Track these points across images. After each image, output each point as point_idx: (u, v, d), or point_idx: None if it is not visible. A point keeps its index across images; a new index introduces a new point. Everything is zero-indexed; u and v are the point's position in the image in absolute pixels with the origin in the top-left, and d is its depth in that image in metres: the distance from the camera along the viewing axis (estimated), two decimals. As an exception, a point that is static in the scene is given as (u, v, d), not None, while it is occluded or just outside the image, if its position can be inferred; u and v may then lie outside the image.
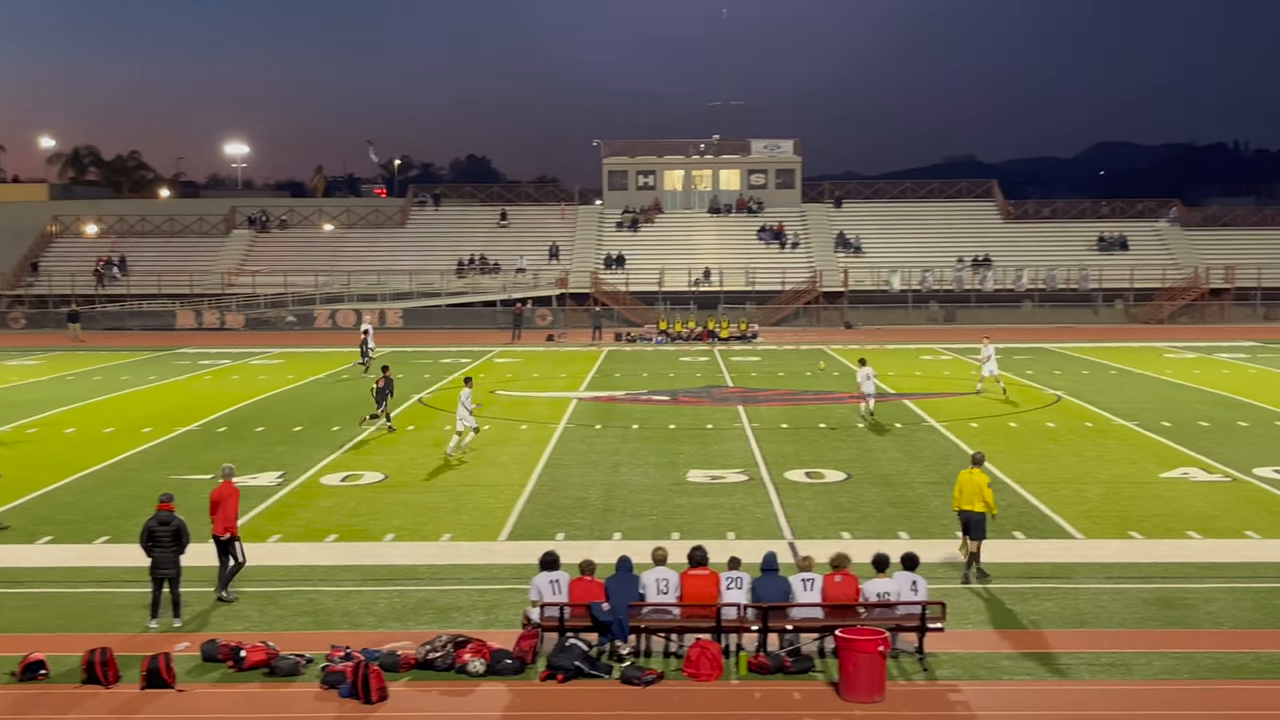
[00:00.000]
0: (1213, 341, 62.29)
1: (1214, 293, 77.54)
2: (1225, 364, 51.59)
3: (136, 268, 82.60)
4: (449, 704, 15.19)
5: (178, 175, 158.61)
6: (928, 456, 30.55)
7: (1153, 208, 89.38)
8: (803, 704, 15.10)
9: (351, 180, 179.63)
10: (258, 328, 73.77)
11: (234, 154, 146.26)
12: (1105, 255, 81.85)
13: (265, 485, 27.59)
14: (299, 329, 73.53)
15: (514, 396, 42.69)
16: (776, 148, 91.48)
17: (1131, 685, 15.54)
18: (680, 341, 65.91)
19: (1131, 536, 22.79)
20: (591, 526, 23.75)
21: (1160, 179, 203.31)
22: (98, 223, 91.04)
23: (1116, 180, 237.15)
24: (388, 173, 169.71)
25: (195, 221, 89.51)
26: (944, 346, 60.20)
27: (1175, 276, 78.91)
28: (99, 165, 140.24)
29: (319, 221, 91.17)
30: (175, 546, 18.02)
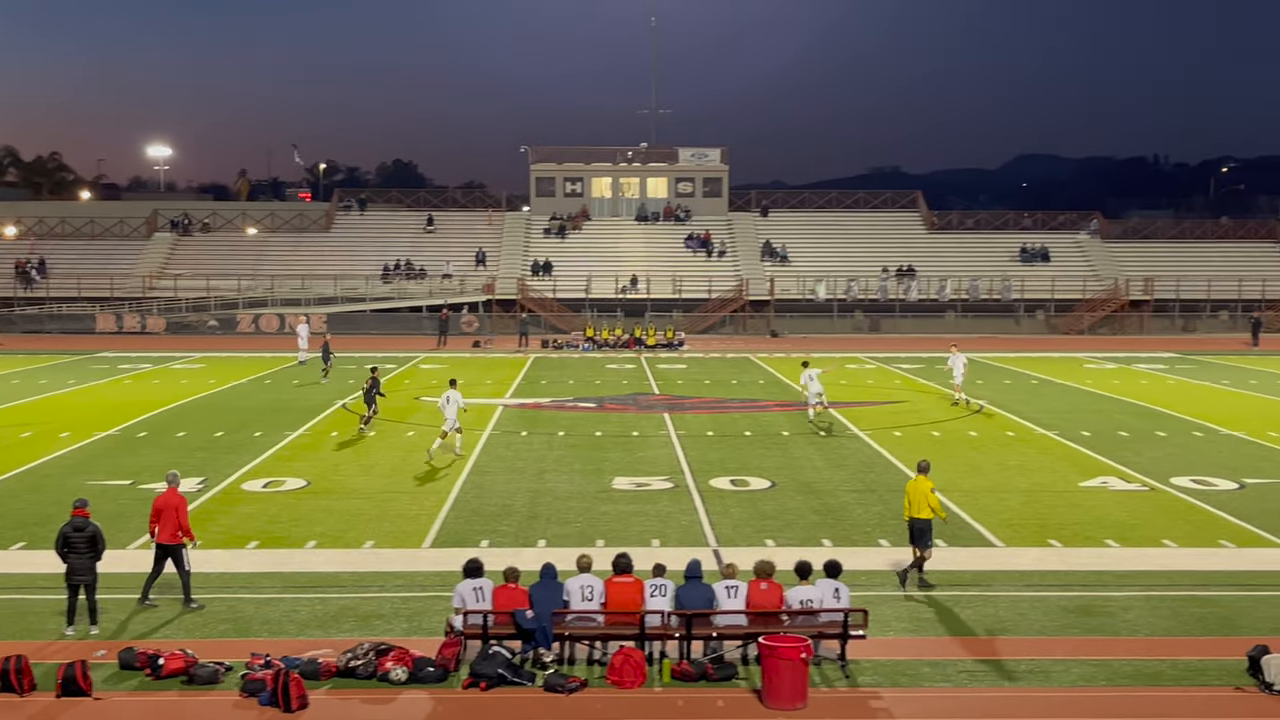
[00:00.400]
0: (1132, 352, 63.18)
1: (1133, 304, 78.70)
2: (1144, 375, 52.33)
3: (56, 270, 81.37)
4: (370, 712, 15.08)
5: (99, 177, 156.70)
6: (851, 465, 30.74)
7: (1074, 220, 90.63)
8: (725, 711, 15.13)
9: (276, 184, 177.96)
10: (179, 332, 72.91)
11: (156, 156, 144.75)
12: (1027, 266, 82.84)
13: (185, 491, 27.18)
14: (221, 333, 72.78)
15: (434, 401, 42.43)
16: (704, 156, 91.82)
17: (1050, 692, 15.71)
18: (607, 349, 65.93)
19: (1051, 545, 23.05)
20: (516, 534, 23.68)
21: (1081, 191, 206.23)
22: (16, 225, 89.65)
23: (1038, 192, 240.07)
24: (313, 176, 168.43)
25: (116, 224, 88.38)
26: (868, 356, 60.61)
27: (1096, 288, 80.00)
28: (18, 166, 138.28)
29: (242, 225, 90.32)
30: (91, 553, 17.75)
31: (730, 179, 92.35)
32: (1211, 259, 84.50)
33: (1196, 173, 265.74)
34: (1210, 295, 79.40)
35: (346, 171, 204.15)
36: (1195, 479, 28.92)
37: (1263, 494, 27.40)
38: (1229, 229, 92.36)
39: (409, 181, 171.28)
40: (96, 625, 17.88)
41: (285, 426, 36.32)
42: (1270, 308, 77.82)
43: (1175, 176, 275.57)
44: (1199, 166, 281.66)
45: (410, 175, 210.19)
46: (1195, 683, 15.98)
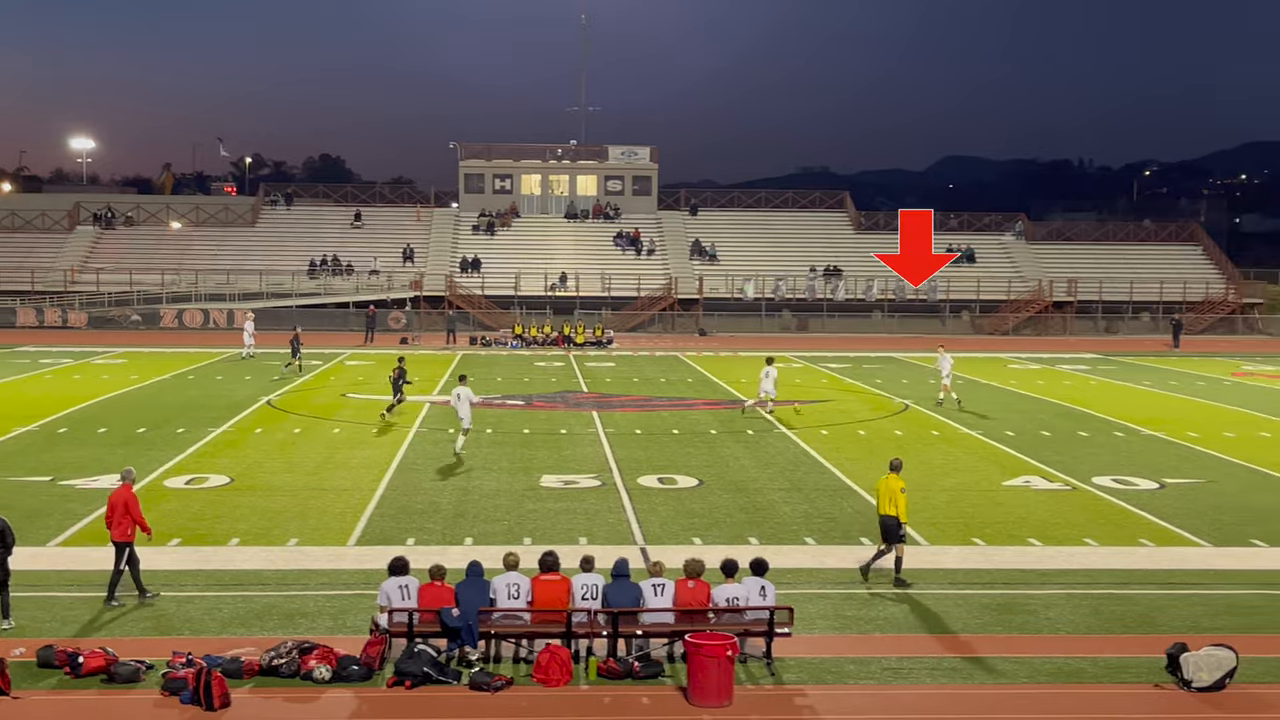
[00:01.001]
0: (1055, 353, 63.93)
1: (1057, 305, 79.67)
2: (1067, 375, 52.95)
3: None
4: (293, 711, 14.94)
5: (20, 169, 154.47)
6: (779, 463, 30.86)
7: (999, 221, 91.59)
8: (651, 709, 15.14)
9: (201, 178, 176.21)
10: (101, 326, 71.96)
11: (79, 149, 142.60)
12: (953, 267, 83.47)
13: (107, 488, 26.84)
14: (144, 328, 71.91)
15: (366, 400, 42.19)
16: (634, 154, 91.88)
17: (972, 689, 15.84)
18: (535, 346, 65.81)
19: (974, 543, 23.27)
20: (443, 531, 23.57)
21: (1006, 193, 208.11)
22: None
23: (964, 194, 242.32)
24: (238, 171, 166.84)
25: (37, 217, 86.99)
26: (796, 355, 60.88)
27: (1020, 289, 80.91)
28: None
29: (167, 219, 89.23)
30: (1, 548, 17.46)
31: (660, 178, 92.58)
32: (1134, 261, 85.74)
33: (1119, 176, 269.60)
34: (1132, 297, 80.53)
35: (273, 166, 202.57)
36: (1116, 479, 29.30)
37: (1182, 493, 27.81)
38: (1151, 232, 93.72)
39: (336, 177, 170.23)
40: (10, 620, 17.60)
41: (208, 423, 35.94)
42: (1191, 310, 79.08)
43: (1099, 180, 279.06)
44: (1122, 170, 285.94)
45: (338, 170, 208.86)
46: (1115, 680, 16.18)
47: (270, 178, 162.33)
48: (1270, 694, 15.73)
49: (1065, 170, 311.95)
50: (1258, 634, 18.01)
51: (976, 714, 15.13)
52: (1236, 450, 33.47)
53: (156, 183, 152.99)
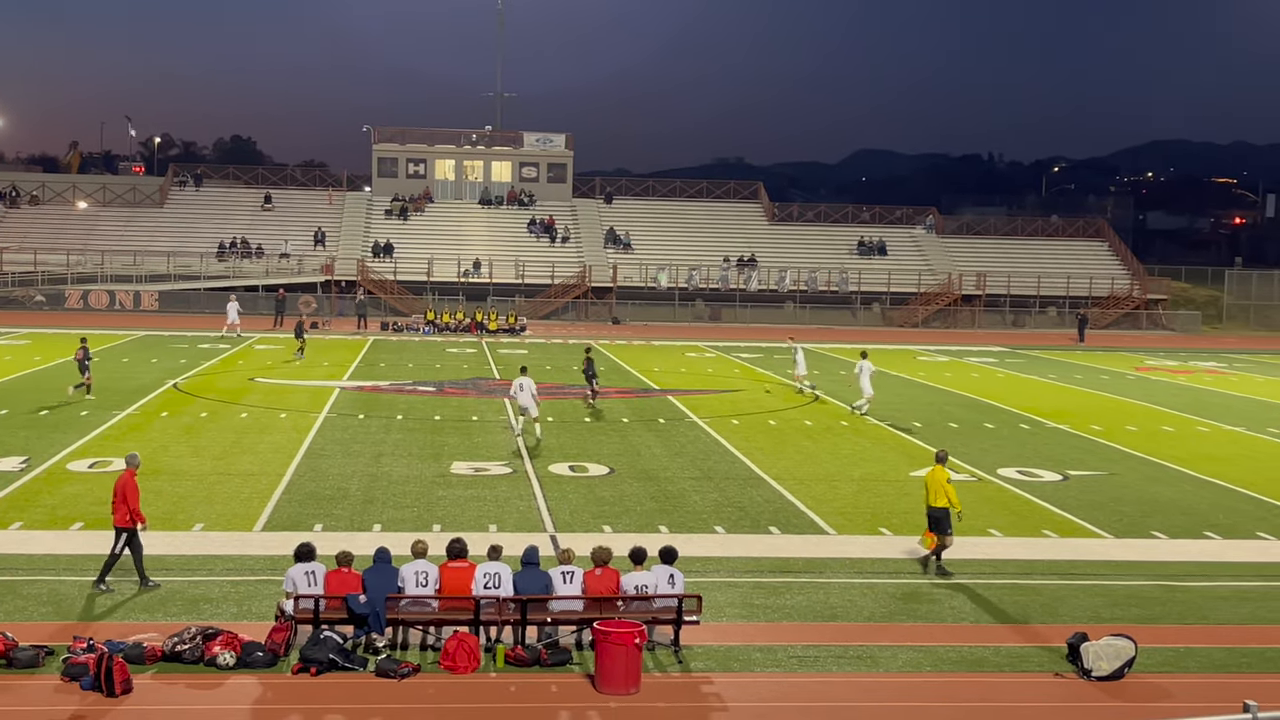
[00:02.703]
0: (964, 346, 64.71)
1: (966, 299, 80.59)
2: (975, 367, 53.63)
3: (-128, 240, 78.21)
4: (196, 697, 14.78)
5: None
6: (690, 452, 30.96)
7: (910, 215, 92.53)
8: (559, 696, 15.14)
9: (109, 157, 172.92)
10: (4, 307, 70.58)
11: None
12: (864, 259, 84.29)
13: (8, 471, 26.43)
14: (49, 309, 70.66)
15: (274, 384, 41.80)
16: (549, 141, 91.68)
17: (877, 677, 16.01)
18: (448, 332, 65.52)
19: (881, 533, 23.49)
20: (351, 518, 23.40)
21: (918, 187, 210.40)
22: None
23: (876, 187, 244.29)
24: (147, 151, 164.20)
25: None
26: (708, 344, 61.13)
27: (930, 282, 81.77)
28: None
29: (73, 198, 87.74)
30: None
31: (575, 165, 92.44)
32: (1041, 256, 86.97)
33: (1029, 172, 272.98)
34: (1040, 291, 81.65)
35: (183, 146, 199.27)
36: (1021, 470, 29.72)
37: (1085, 485, 28.26)
38: (1059, 227, 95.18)
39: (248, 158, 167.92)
40: None
41: (113, 406, 35.41)
42: (1096, 305, 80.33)
43: (1009, 175, 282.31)
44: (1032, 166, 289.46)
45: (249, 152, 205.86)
46: (1017, 669, 16.43)
47: (180, 158, 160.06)
48: (1168, 683, 16.04)
49: (976, 165, 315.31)
50: (1157, 624, 18.36)
51: (881, 701, 15.29)
52: (1138, 443, 34.07)
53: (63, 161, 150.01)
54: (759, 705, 15.04)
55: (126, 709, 14.31)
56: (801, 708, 15.02)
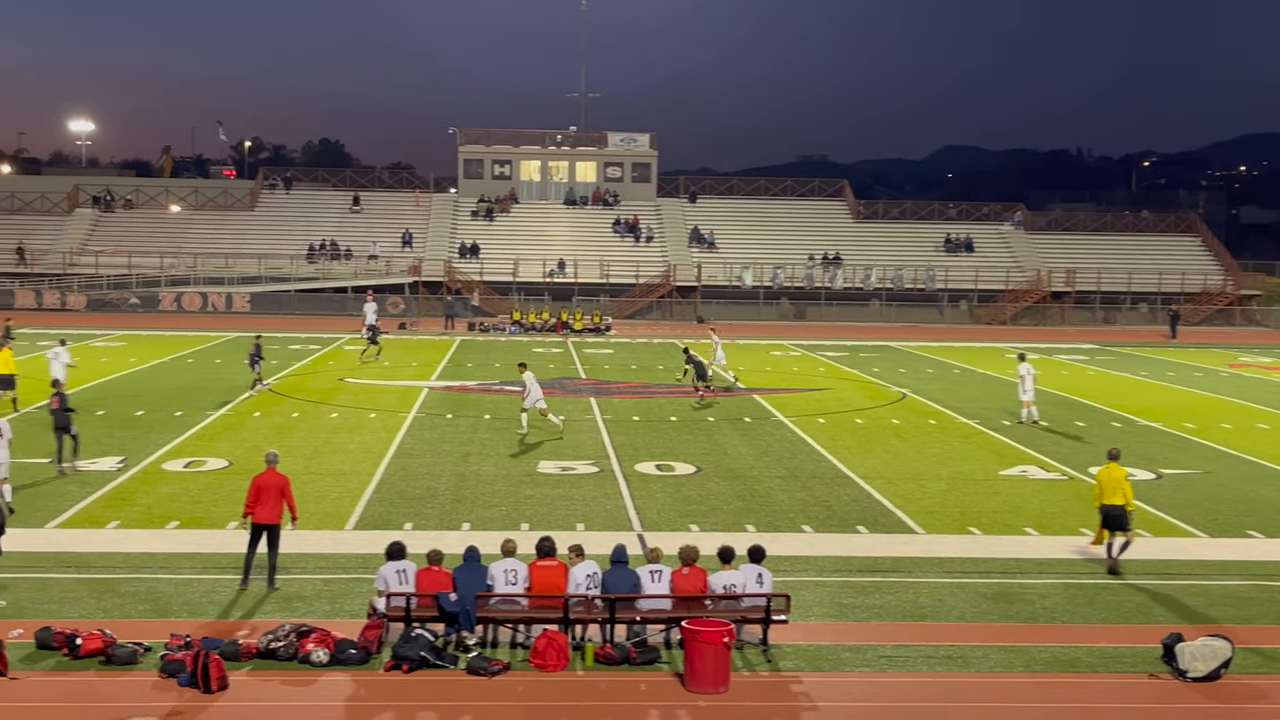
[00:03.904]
0: (1053, 343, 63.98)
1: (1055, 296, 79.66)
2: (1065, 365, 53.01)
3: (-27, 245, 79.97)
4: (291, 694, 14.99)
5: (19, 151, 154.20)
6: (776, 451, 30.90)
7: (998, 211, 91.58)
8: (648, 694, 15.18)
9: (200, 161, 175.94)
10: (100, 309, 71.92)
11: (79, 131, 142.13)
12: (951, 256, 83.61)
13: (105, 470, 26.93)
14: (143, 311, 71.87)
15: (364, 384, 42.23)
16: (633, 141, 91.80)
17: (968, 678, 15.89)
18: (533, 332, 65.81)
19: (971, 532, 23.31)
20: (440, 516, 23.61)
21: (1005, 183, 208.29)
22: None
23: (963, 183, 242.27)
24: (238, 154, 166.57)
25: (37, 199, 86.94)
26: (793, 343, 60.94)
27: (1018, 279, 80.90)
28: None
29: (166, 202, 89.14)
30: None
31: (659, 165, 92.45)
32: (1132, 252, 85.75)
33: (1119, 166, 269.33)
34: (1130, 288, 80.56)
35: (272, 150, 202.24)
36: (1113, 469, 29.31)
37: (1178, 484, 27.85)
38: (1149, 223, 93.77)
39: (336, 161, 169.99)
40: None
41: (207, 406, 35.97)
42: (1188, 301, 79.10)
43: (1098, 170, 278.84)
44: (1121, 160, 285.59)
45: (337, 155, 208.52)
46: (1111, 669, 16.24)
47: (270, 161, 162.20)
48: (1266, 684, 15.79)
49: (1064, 160, 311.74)
50: (1254, 625, 18.07)
51: (972, 702, 15.18)
52: (1233, 441, 33.53)
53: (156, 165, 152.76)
54: (849, 705, 14.99)
55: (223, 705, 14.54)
56: (892, 708, 14.95)
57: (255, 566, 18.94)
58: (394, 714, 14.56)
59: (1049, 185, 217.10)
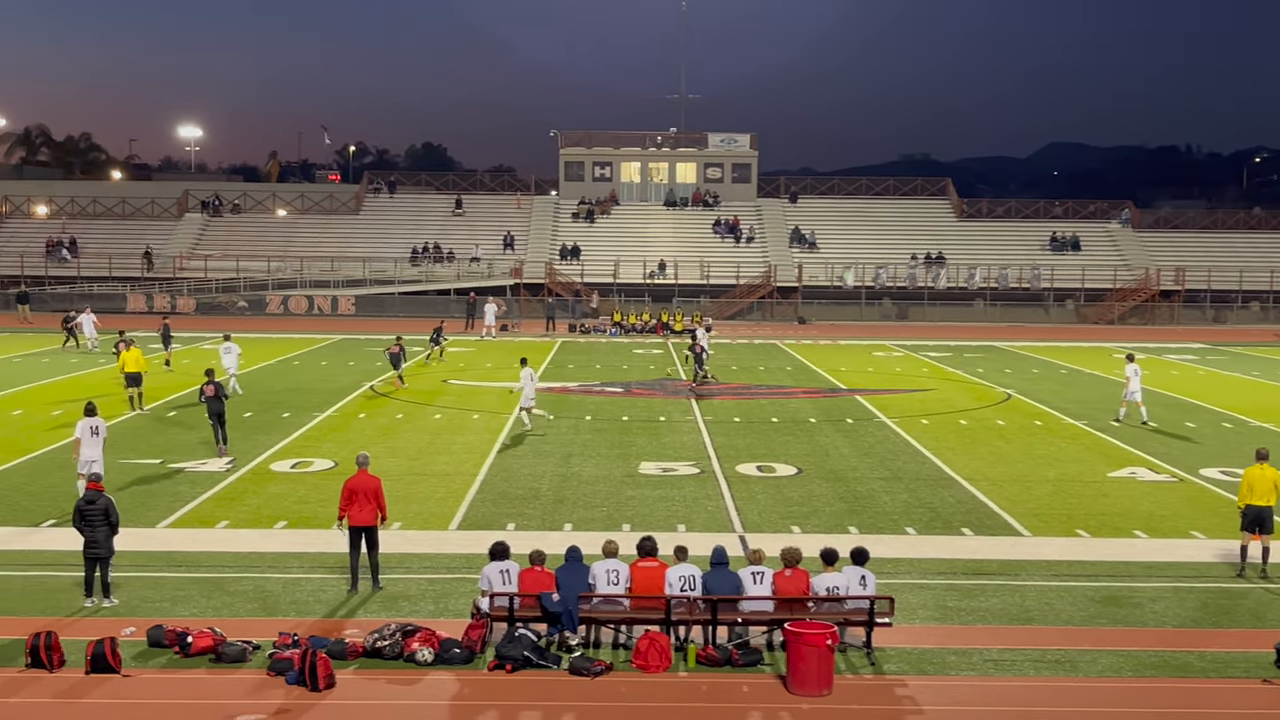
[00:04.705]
0: (1162, 343, 62.90)
1: (1164, 294, 78.29)
2: (1174, 365, 52.09)
3: (87, 250, 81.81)
4: (396, 692, 15.14)
5: (130, 158, 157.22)
6: (879, 452, 30.68)
7: (1105, 209, 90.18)
8: (750, 696, 15.14)
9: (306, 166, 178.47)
10: (208, 312, 73.22)
11: (187, 137, 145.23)
12: (1057, 255, 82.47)
13: (214, 471, 27.41)
14: (250, 314, 73.05)
15: (466, 386, 42.56)
16: (733, 141, 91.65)
17: (1076, 682, 15.67)
18: (634, 333, 65.95)
19: (1079, 535, 22.98)
20: (543, 517, 23.72)
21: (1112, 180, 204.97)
22: (48, 204, 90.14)
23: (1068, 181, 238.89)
24: (342, 159, 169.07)
25: (147, 204, 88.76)
26: (896, 343, 60.49)
27: (1126, 278, 79.63)
28: (50, 146, 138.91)
29: (272, 206, 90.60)
30: (105, 525, 17.92)
31: (759, 165, 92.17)
32: (1243, 250, 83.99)
33: (1229, 163, 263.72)
34: (1242, 286, 78.96)
35: (376, 154, 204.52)
36: (1224, 470, 28.75)
37: (1293, 486, 27.19)
38: (1261, 220, 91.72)
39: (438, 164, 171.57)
40: (111, 599, 18.04)
41: (313, 407, 36.48)
42: (1302, 299, 77.31)
43: (1207, 166, 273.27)
44: (1231, 156, 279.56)
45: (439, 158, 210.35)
46: (1223, 674, 15.92)
47: (374, 165, 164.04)
48: (1384, 692, 15.38)
49: (1173, 157, 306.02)
50: (1372, 631, 17.61)
51: (1081, 706, 14.96)
52: (1350, 443, 32.70)
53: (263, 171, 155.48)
54: (954, 709, 14.84)
55: (330, 703, 14.73)
56: (998, 712, 14.78)
57: (361, 568, 19.14)
58: (498, 713, 14.65)
59: (1157, 182, 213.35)
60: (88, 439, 23.58)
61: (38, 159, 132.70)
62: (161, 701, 14.83)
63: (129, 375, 35.68)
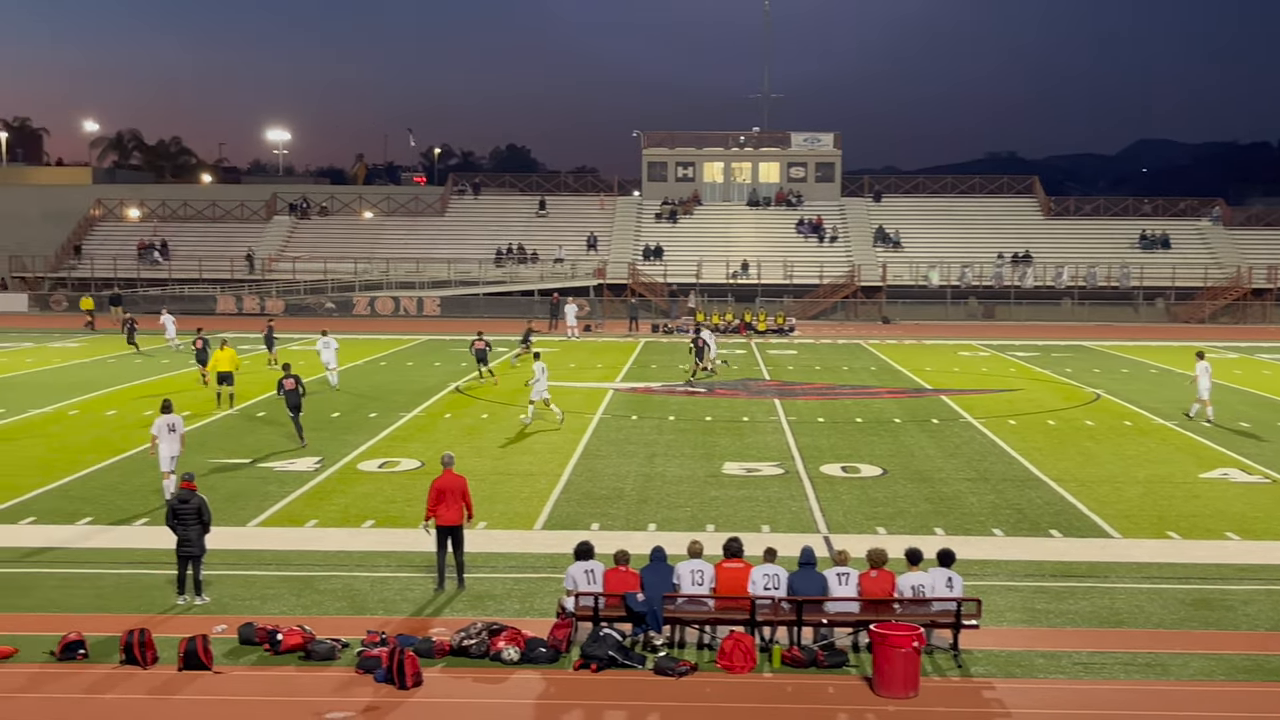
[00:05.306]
0: (1254, 342, 61.85)
1: (1256, 293, 76.94)
2: (1267, 364, 51.20)
3: (178, 252, 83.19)
4: (483, 691, 15.25)
5: (220, 161, 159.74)
6: (965, 453, 30.43)
7: (1195, 206, 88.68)
8: (836, 698, 15.09)
9: (392, 168, 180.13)
10: (297, 314, 74.08)
11: (276, 140, 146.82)
12: (1147, 253, 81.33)
13: (303, 471, 27.73)
14: (338, 315, 73.82)
15: (550, 386, 42.67)
16: (816, 141, 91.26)
17: (1167, 686, 15.45)
18: (717, 334, 65.75)
19: (1169, 537, 22.66)
20: (627, 517, 23.78)
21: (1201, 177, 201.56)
22: (140, 207, 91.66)
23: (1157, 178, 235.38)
24: (427, 161, 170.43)
25: (236, 207, 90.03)
26: (982, 343, 59.96)
27: (1217, 276, 78.37)
28: (142, 150, 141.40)
29: (359, 209, 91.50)
30: (198, 524, 18.21)
31: (843, 163, 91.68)
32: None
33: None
34: (1338, 284, 77.38)
35: (461, 156, 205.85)
36: (1320, 472, 28.24)
37: (1391, 488, 26.67)
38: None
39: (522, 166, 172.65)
40: (203, 596, 18.32)
41: (399, 408, 36.80)
42: (1400, 297, 75.64)
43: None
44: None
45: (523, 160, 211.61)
46: (1319, 680, 15.64)
47: (458, 167, 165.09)
48: None
49: (1265, 153, 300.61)
50: None
51: (1171, 710, 14.75)
52: None
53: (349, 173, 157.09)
54: (1043, 712, 14.69)
55: (418, 701, 14.86)
56: (1088, 715, 14.61)
57: (447, 567, 19.29)
58: (583, 713, 14.71)
59: (1249, 179, 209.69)
60: (165, 436, 24.45)
61: (130, 163, 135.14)
62: (252, 698, 15.04)
63: (220, 374, 36.34)
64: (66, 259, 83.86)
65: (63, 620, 17.27)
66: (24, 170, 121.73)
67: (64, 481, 26.52)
